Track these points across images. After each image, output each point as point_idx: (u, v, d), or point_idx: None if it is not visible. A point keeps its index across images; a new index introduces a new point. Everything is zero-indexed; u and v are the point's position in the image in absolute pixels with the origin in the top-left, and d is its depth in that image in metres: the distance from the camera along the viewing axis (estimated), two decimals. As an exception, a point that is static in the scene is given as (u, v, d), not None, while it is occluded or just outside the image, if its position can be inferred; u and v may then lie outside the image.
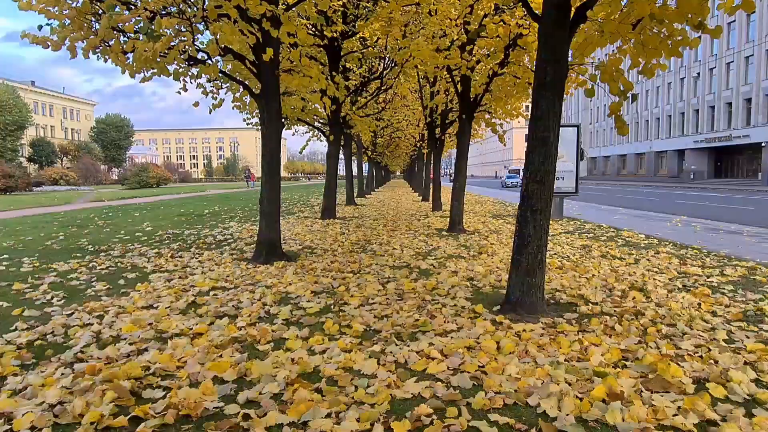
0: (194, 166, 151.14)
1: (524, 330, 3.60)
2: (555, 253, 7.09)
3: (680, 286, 5.04)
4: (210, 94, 7.84)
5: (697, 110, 48.99)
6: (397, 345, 3.33)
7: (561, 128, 11.27)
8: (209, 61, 6.15)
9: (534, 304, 4.05)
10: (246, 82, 6.97)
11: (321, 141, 15.17)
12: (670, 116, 53.89)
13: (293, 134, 17.44)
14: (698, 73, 48.55)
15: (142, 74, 6.33)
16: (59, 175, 52.17)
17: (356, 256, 6.96)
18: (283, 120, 12.91)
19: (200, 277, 5.56)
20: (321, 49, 11.55)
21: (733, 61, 43.46)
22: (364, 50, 12.49)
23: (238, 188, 47.22)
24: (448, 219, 11.59)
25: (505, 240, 8.54)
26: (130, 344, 3.33)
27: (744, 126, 42.25)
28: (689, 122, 50.45)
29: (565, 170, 12.35)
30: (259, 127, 12.92)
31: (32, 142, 69.24)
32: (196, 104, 7.37)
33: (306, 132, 17.35)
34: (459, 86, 9.51)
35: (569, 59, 4.11)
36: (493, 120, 10.17)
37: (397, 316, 3.99)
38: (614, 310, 4.10)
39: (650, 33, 3.74)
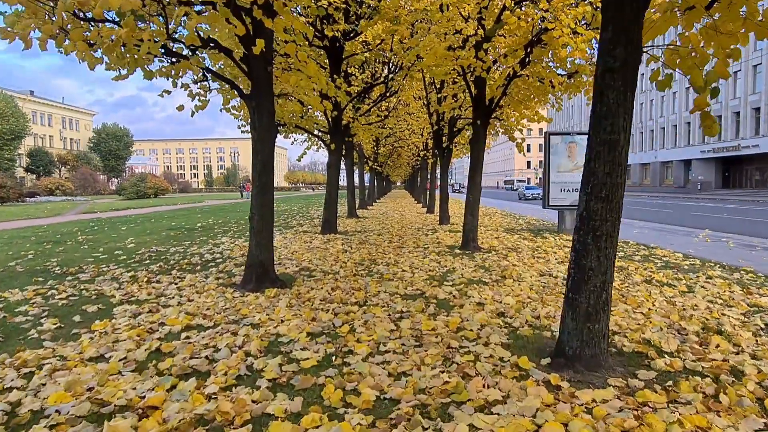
0: (194, 176, 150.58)
1: (594, 400, 2.65)
2: (590, 278, 6.15)
3: (763, 326, 4.08)
4: (197, 97, 6.93)
5: (704, 120, 48.12)
6: (425, 429, 2.38)
7: (579, 136, 10.35)
8: (190, 55, 5.25)
9: (597, 357, 3.10)
10: (235, 81, 6.08)
11: (321, 150, 14.30)
12: (675, 126, 53.11)
13: (292, 143, 16.57)
14: (704, 82, 47.77)
15: (118, 71, 5.48)
16: (55, 185, 51.30)
17: (361, 281, 6.02)
18: (278, 125, 12.08)
19: (174, 310, 4.61)
20: (321, 51, 10.70)
21: (740, 70, 42.73)
22: (367, 53, 11.63)
23: (237, 199, 46.32)
24: (460, 234, 10.67)
25: (528, 260, 7.60)
26: (50, 429, 2.38)
27: (753, 136, 41.42)
28: (695, 132, 49.64)
29: (585, 181, 11.42)
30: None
31: (30, 151, 68.58)
32: (181, 108, 6.45)
33: (305, 141, 16.47)
34: (473, 89, 8.62)
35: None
36: (506, 125, 9.26)
37: (418, 374, 3.04)
38: (702, 367, 3.15)
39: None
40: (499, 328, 4.01)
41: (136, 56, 5.32)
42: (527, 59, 7.44)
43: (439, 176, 14.62)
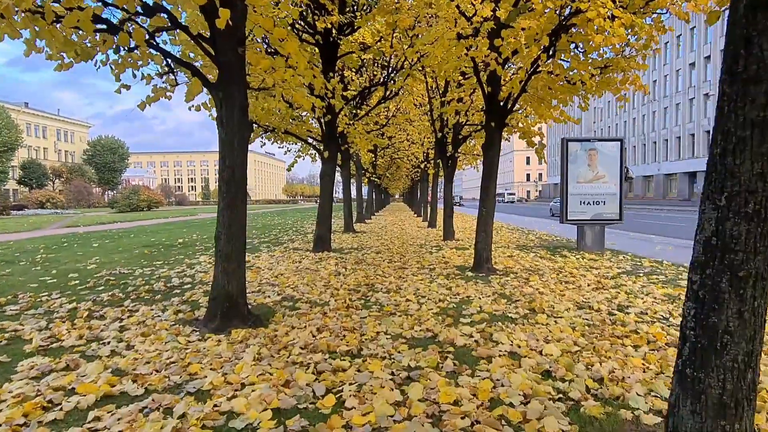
0: (192, 189, 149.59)
1: None
2: (642, 311, 4.93)
3: None
4: (165, 92, 5.74)
5: (708, 131, 47.23)
6: None
7: (600, 143, 9.19)
8: (129, 26, 4.08)
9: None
10: (197, 66, 4.91)
11: (315, 161, 13.11)
12: (679, 138, 52.20)
13: (285, 152, 15.40)
14: (707, 93, 47.03)
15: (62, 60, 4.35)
16: (46, 197, 50.04)
17: (355, 316, 4.80)
18: (266, 130, 10.92)
19: (98, 366, 3.38)
20: (314, 48, 9.57)
21: (746, 81, 41.92)
22: (366, 50, 10.52)
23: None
24: (468, 252, 9.48)
25: (555, 285, 6.38)
26: None
27: (760, 147, 40.47)
28: (699, 143, 48.70)
29: (607, 193, 10.26)
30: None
31: (23, 164, 67.43)
32: (142, 105, 5.29)
33: (299, 150, 15.31)
34: (486, 87, 7.48)
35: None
36: (524, 128, 8.08)
37: None
38: None
39: None
40: (551, 401, 2.78)
41: (75, 37, 4.20)
42: (552, 49, 6.30)
43: (443, 188, 13.43)
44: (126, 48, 4.50)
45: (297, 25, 9.01)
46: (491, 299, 5.61)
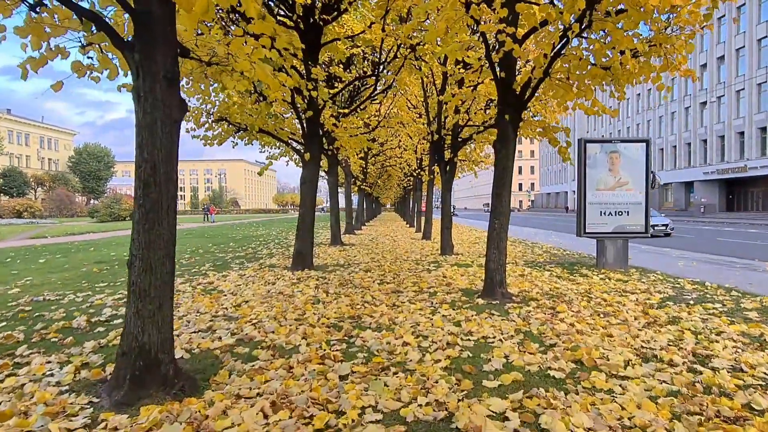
0: (182, 198, 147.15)
1: None
2: (732, 366, 3.53)
3: None
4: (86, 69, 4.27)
5: (705, 140, 46.45)
6: None
7: (624, 144, 7.87)
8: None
9: None
10: (107, 20, 3.50)
11: (298, 166, 11.60)
12: (675, 147, 51.36)
13: (268, 158, 13.94)
14: (705, 102, 46.27)
15: None
16: (23, 206, 48.13)
17: (332, 374, 3.36)
18: (239, 129, 9.47)
19: None
20: (292, 31, 8.17)
21: (743, 89, 41.15)
22: (353, 39, 9.15)
23: (201, 223, 43.38)
24: (472, 270, 8.08)
25: (592, 319, 4.98)
26: None
27: (759, 156, 39.60)
28: (696, 153, 47.85)
29: (632, 202, 8.92)
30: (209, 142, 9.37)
31: (4, 171, 65.29)
32: (58, 85, 3.86)
33: (279, 153, 13.88)
34: (499, 72, 6.12)
35: None
36: (544, 122, 6.70)
37: None
38: None
39: None
40: None
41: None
42: (589, 15, 4.94)
43: (441, 196, 12.04)
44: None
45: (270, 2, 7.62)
46: (515, 341, 4.20)
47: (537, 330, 4.58)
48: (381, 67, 8.90)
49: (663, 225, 20.24)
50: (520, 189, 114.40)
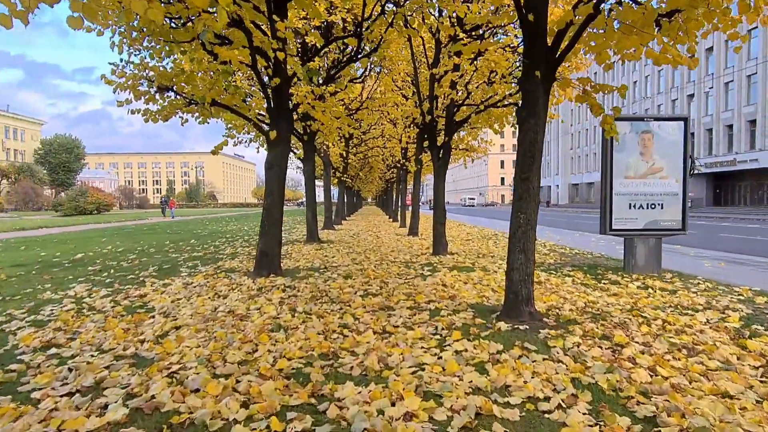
0: (157, 192, 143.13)
1: None
2: None
3: None
4: None
5: (693, 133, 45.78)
6: None
7: (657, 123, 6.18)
8: None
9: None
10: None
11: (263, 148, 9.69)
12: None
13: (236, 144, 12.14)
14: (692, 94, 45.56)
15: None
16: (-20, 200, 45.24)
17: None
18: (189, 101, 7.69)
19: None
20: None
21: (732, 81, 40.43)
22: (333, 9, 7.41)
23: (159, 217, 40.94)
24: (474, 275, 6.46)
25: (667, 354, 3.42)
26: None
27: (748, 150, 38.95)
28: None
29: (667, 192, 7.41)
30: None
31: (-37, 163, 61.84)
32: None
33: (250, 135, 12.10)
34: (526, 14, 4.48)
35: None
36: (586, 82, 5.08)
37: None
38: None
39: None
40: None
41: None
42: None
43: (434, 187, 10.41)
44: None
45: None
46: (588, 410, 2.59)
47: (606, 382, 2.98)
48: (365, 25, 7.20)
49: None
50: (503, 183, 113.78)
